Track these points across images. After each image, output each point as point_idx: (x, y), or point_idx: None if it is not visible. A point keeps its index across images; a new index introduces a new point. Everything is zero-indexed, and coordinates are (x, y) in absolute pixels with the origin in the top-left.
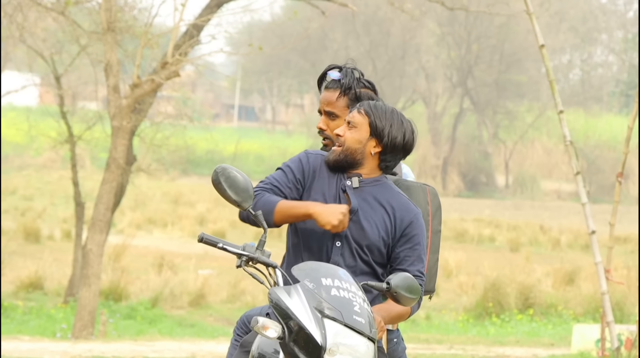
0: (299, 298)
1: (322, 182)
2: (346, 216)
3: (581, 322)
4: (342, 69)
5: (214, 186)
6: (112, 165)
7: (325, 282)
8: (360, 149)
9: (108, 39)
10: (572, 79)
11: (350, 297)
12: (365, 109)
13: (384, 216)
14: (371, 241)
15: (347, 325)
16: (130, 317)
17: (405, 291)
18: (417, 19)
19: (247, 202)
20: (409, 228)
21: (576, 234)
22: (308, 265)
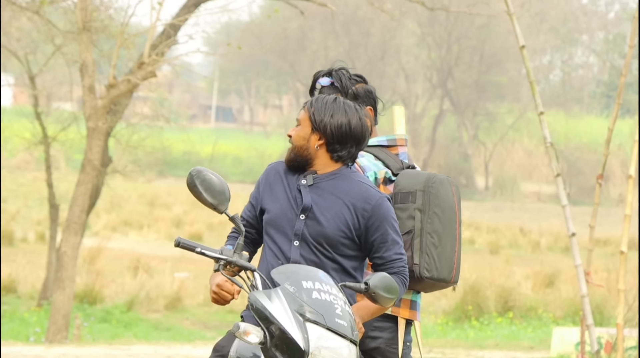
0: (279, 302)
1: (281, 187)
2: (221, 289)
3: (561, 325)
4: (332, 73)
5: (190, 189)
6: (87, 167)
7: (306, 285)
8: (305, 145)
9: (83, 38)
10: (552, 80)
11: (331, 300)
12: (307, 105)
13: (342, 209)
14: (330, 237)
15: (329, 329)
16: (105, 321)
17: (383, 291)
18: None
19: (223, 205)
20: (373, 216)
21: (556, 236)
22: (288, 268)
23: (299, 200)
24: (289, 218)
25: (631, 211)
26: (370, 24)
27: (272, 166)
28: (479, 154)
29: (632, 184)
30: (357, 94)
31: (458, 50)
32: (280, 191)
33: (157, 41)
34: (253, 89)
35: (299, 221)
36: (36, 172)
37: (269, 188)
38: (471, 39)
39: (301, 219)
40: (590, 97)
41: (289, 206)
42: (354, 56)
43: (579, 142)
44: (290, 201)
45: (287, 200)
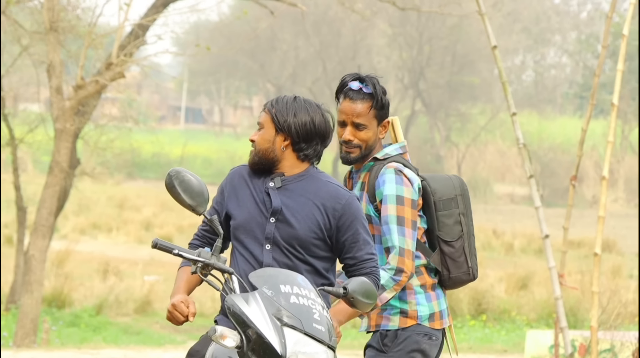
0: (257, 306)
1: (247, 191)
2: (174, 309)
3: (534, 327)
4: (365, 79)
5: (168, 190)
6: (55, 169)
7: (284, 289)
8: (270, 147)
9: (51, 39)
10: (525, 80)
11: (309, 304)
12: (267, 107)
13: (312, 210)
14: (302, 238)
15: (306, 334)
16: (73, 325)
17: (362, 296)
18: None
19: (202, 206)
20: (344, 216)
21: (529, 238)
22: (266, 272)
23: (268, 203)
24: (259, 222)
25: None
26: (341, 24)
27: (236, 170)
28: (452, 156)
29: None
30: (383, 104)
31: (430, 50)
32: (247, 195)
33: (126, 41)
34: (223, 89)
35: (269, 224)
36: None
37: (234, 193)
38: (443, 39)
39: (271, 223)
40: (563, 98)
41: (258, 210)
42: (325, 56)
43: (552, 143)
44: (259, 205)
45: (255, 204)
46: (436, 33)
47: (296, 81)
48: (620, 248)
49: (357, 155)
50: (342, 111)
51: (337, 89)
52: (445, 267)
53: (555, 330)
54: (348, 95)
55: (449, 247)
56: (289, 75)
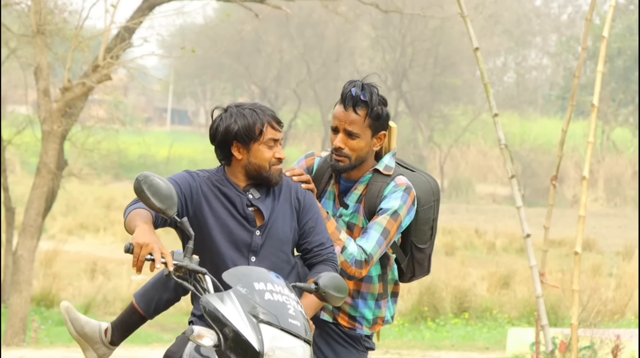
0: (232, 304)
1: (218, 203)
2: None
3: (516, 325)
4: (365, 86)
5: (137, 195)
6: (42, 170)
7: (258, 286)
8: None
9: (38, 41)
10: (506, 82)
11: (284, 300)
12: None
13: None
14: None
15: (283, 329)
16: (62, 324)
17: (334, 291)
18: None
19: (171, 209)
20: (305, 202)
21: (511, 237)
22: (239, 270)
23: (251, 216)
24: (241, 235)
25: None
26: (325, 27)
27: (201, 176)
28: (434, 156)
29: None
30: (380, 115)
31: (412, 52)
32: (221, 207)
33: (112, 44)
34: (208, 91)
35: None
36: None
37: (206, 200)
38: (425, 41)
39: (257, 235)
40: (544, 99)
41: (236, 222)
42: (309, 58)
43: (533, 144)
44: (237, 218)
45: (232, 217)
46: (419, 35)
47: (280, 83)
48: (600, 247)
49: (345, 165)
50: (336, 116)
51: (345, 94)
52: (411, 270)
53: (536, 327)
54: (344, 101)
55: (420, 253)
56: (273, 77)
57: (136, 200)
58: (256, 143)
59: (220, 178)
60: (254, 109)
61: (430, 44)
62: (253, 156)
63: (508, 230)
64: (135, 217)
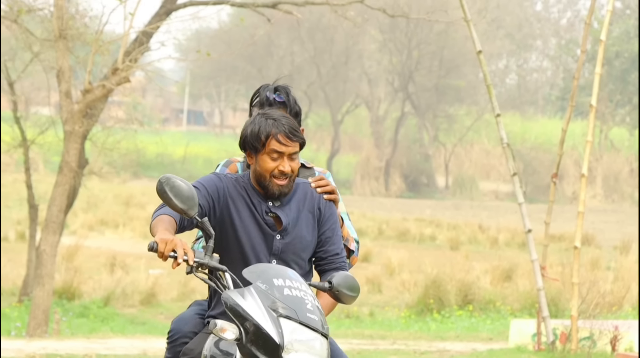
0: (253, 300)
1: (244, 205)
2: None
3: (518, 317)
4: (279, 89)
5: (160, 196)
6: (64, 168)
7: (277, 283)
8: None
9: (60, 46)
10: (508, 83)
11: (302, 296)
12: (295, 136)
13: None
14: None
15: (302, 323)
16: (83, 316)
17: (347, 289)
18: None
19: (192, 210)
20: (324, 212)
21: (513, 233)
22: (258, 267)
23: (270, 221)
24: (263, 239)
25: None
26: (334, 31)
27: (230, 180)
28: (439, 155)
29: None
30: (298, 113)
31: (418, 55)
32: (246, 210)
33: (131, 48)
34: (223, 93)
35: (276, 241)
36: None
37: (233, 202)
38: (431, 44)
39: (277, 239)
40: (545, 100)
41: (258, 227)
42: (319, 61)
43: (534, 143)
44: (260, 222)
45: (255, 222)
46: (424, 39)
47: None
48: (599, 241)
49: None
50: None
51: (251, 100)
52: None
53: (537, 319)
54: (268, 104)
55: None
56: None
57: (162, 205)
58: (260, 153)
59: (245, 182)
60: (270, 118)
61: (435, 47)
62: (258, 165)
63: (510, 226)
64: (158, 223)
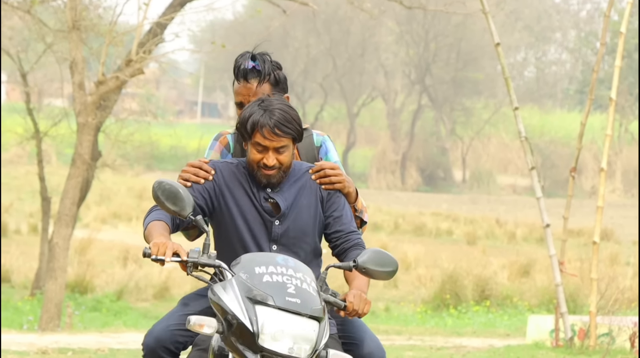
0: (232, 291)
1: (241, 191)
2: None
3: (536, 313)
4: (256, 56)
5: (155, 201)
6: (77, 161)
7: (259, 270)
8: (291, 160)
9: (73, 37)
10: (527, 76)
11: (284, 280)
12: (281, 131)
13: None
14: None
15: (279, 308)
16: (95, 309)
17: (375, 266)
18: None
19: (185, 210)
20: (330, 194)
21: (531, 227)
22: (245, 257)
23: (267, 206)
24: (261, 224)
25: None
26: (351, 23)
27: (223, 165)
28: (456, 148)
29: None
30: (278, 80)
31: (435, 47)
32: (243, 196)
33: (145, 39)
34: None
35: (275, 227)
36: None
37: (228, 190)
38: (448, 36)
39: (277, 225)
40: (564, 93)
41: (256, 212)
42: (335, 53)
43: (552, 136)
44: (257, 207)
45: (253, 206)
46: (442, 31)
47: (307, 77)
48: (618, 236)
49: None
50: (238, 92)
51: (234, 69)
52: None
53: (555, 315)
54: (239, 76)
55: None
56: (300, 71)
57: (151, 209)
58: (248, 141)
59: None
60: (263, 107)
61: (452, 39)
62: (248, 152)
63: (528, 220)
64: (151, 230)
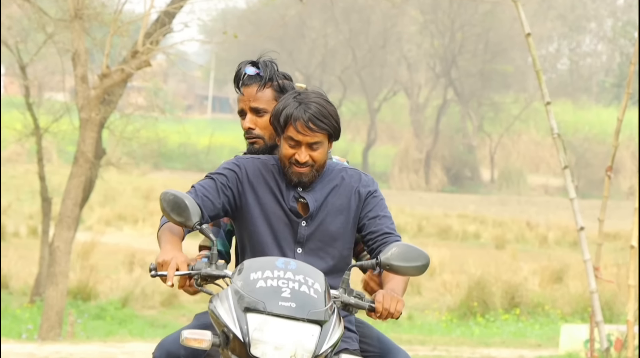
0: (227, 301)
1: (265, 189)
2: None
3: (569, 322)
4: (258, 63)
5: (163, 213)
6: (80, 159)
7: (254, 276)
8: (325, 158)
9: (76, 26)
10: (559, 69)
11: (279, 284)
12: (316, 125)
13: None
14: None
15: (271, 314)
16: (99, 317)
17: (401, 261)
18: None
19: (190, 220)
20: (367, 199)
21: (564, 230)
22: (246, 264)
23: (295, 206)
24: (287, 224)
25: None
26: (371, 11)
27: (248, 162)
28: (484, 146)
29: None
30: (283, 88)
31: (462, 38)
32: (267, 194)
33: (152, 29)
34: None
35: (301, 227)
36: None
37: (251, 188)
38: (475, 26)
39: (303, 226)
40: (599, 87)
41: (282, 212)
42: (354, 44)
43: (587, 133)
44: (284, 207)
45: (279, 206)
46: (468, 20)
47: (325, 70)
48: None
49: (261, 146)
50: (239, 99)
51: (235, 77)
52: None
53: (590, 324)
54: (242, 81)
55: None
56: (317, 63)
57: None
58: (281, 136)
59: (274, 164)
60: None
61: (480, 29)
62: (280, 147)
63: (561, 223)
64: (162, 235)
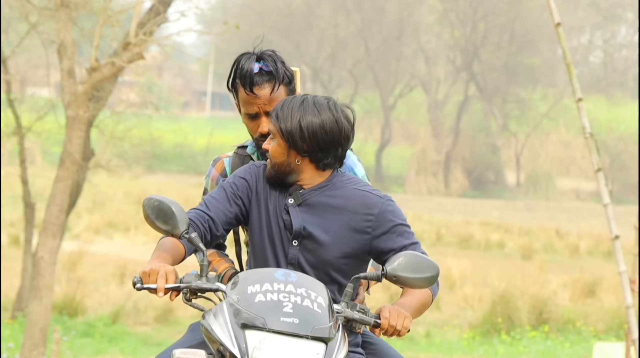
0: (222, 317)
1: (265, 203)
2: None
3: (603, 339)
4: (261, 56)
5: (146, 221)
6: (66, 161)
7: (252, 290)
8: (285, 161)
9: (62, 15)
10: (592, 62)
11: (280, 298)
12: (272, 115)
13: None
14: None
15: (272, 331)
16: (87, 335)
17: (407, 272)
18: None
19: (177, 228)
20: (380, 226)
21: (597, 239)
22: (242, 276)
23: (288, 223)
24: (279, 244)
25: None
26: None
27: (255, 169)
28: (509, 146)
29: None
30: (290, 78)
31: (485, 28)
32: (265, 208)
33: (145, 19)
34: None
35: (292, 248)
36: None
37: (256, 199)
38: (500, 15)
39: (294, 246)
40: (636, 82)
41: (277, 229)
42: (367, 35)
43: (623, 132)
44: (278, 223)
45: (275, 220)
46: (492, 9)
47: (335, 63)
48: None
49: None
50: (248, 101)
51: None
52: None
53: (626, 342)
54: (249, 82)
55: None
56: (327, 56)
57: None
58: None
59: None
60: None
61: (505, 18)
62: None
63: (593, 231)
64: (157, 247)
